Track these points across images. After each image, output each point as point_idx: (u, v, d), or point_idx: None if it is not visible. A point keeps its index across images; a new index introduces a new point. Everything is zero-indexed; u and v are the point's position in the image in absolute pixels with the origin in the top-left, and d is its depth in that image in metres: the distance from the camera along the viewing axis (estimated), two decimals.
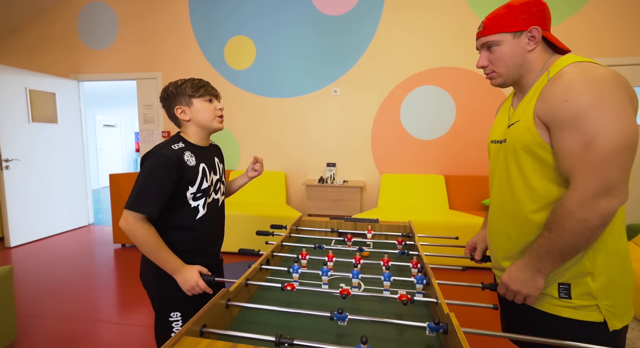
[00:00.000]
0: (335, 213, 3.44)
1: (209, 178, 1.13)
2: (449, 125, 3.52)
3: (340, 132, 3.71)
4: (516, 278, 0.82)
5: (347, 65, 3.61)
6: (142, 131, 4.06)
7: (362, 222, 1.59)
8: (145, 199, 0.97)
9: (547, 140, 0.76)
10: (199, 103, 1.10)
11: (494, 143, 0.97)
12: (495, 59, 0.85)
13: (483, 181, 3.40)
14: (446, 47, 3.43)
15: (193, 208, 1.08)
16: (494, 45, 0.85)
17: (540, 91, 0.78)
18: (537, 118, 0.77)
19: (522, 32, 0.81)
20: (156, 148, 1.04)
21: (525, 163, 0.81)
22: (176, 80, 1.12)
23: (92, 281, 2.69)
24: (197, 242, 1.12)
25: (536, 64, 0.83)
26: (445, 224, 2.89)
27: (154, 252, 0.99)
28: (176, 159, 1.02)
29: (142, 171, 1.00)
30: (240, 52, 3.78)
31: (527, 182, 0.81)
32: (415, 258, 1.11)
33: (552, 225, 0.74)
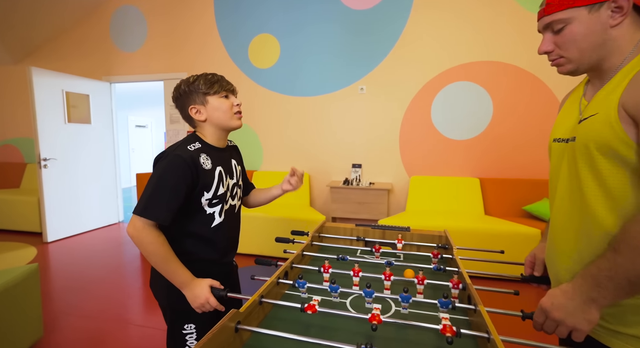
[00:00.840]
0: (361, 217, 3.29)
1: (225, 183, 1.04)
2: (484, 124, 3.26)
3: (366, 131, 3.55)
4: (560, 305, 0.64)
5: (375, 62, 3.44)
6: (169, 131, 4.12)
7: (391, 230, 1.44)
8: (156, 204, 0.89)
9: (631, 136, 0.59)
10: (214, 100, 1.01)
11: (558, 142, 0.79)
12: (563, 41, 0.67)
13: (524, 185, 3.11)
14: (482, 38, 3.17)
15: (209, 215, 1.00)
16: (562, 25, 0.67)
17: (632, 76, 0.60)
18: (623, 109, 0.60)
19: (602, 3, 0.62)
20: (170, 148, 0.96)
21: (601, 165, 0.64)
22: (188, 77, 1.03)
23: (119, 280, 2.73)
24: (212, 251, 1.03)
25: (623, 41, 0.64)
26: (480, 231, 2.66)
27: (162, 263, 0.90)
28: (191, 161, 0.93)
29: (155, 173, 0.92)
30: (265, 50, 3.72)
31: (604, 188, 0.64)
32: (455, 277, 0.95)
33: (622, 245, 0.57)
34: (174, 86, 1.04)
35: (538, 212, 2.86)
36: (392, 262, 1.13)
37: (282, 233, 3.05)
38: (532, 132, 3.16)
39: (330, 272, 1.04)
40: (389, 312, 0.92)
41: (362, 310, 0.91)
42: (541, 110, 3.11)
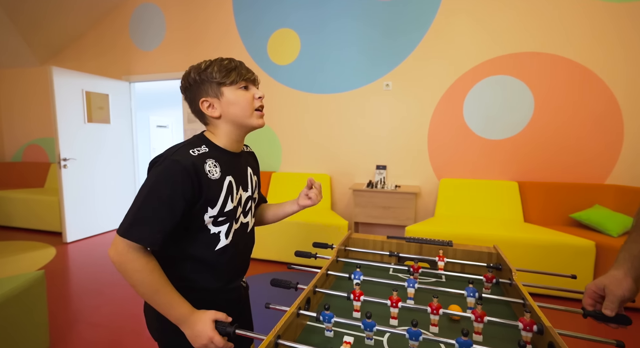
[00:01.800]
0: (386, 223, 3.06)
1: (236, 197, 0.85)
2: (524, 123, 2.95)
3: (392, 130, 3.32)
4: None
5: (402, 56, 3.20)
6: (186, 131, 4.04)
7: (429, 245, 1.22)
8: (144, 223, 0.70)
9: None
10: (231, 92, 0.81)
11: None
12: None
13: (570, 189, 2.78)
14: (523, 26, 2.86)
15: (212, 235, 0.81)
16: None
17: None
18: None
19: None
20: (168, 152, 0.77)
21: None
22: (199, 63, 0.83)
23: None
24: (214, 279, 0.85)
25: None
26: (519, 242, 2.37)
27: (153, 295, 0.72)
28: (193, 168, 0.74)
29: (146, 183, 0.73)
30: (284, 46, 3.56)
31: None
32: (528, 316, 0.72)
33: None
34: (184, 76, 0.85)
35: (589, 221, 2.53)
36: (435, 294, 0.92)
37: (301, 238, 2.87)
38: (581, 131, 2.82)
39: (362, 299, 0.85)
40: None
41: None
42: (594, 107, 2.77)
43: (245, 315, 1.00)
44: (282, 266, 2.93)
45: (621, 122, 2.73)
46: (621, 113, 2.72)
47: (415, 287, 0.92)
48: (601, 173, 2.81)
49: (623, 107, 2.71)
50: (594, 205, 2.64)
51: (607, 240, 2.30)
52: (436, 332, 0.80)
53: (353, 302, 0.86)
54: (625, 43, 2.66)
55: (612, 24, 2.67)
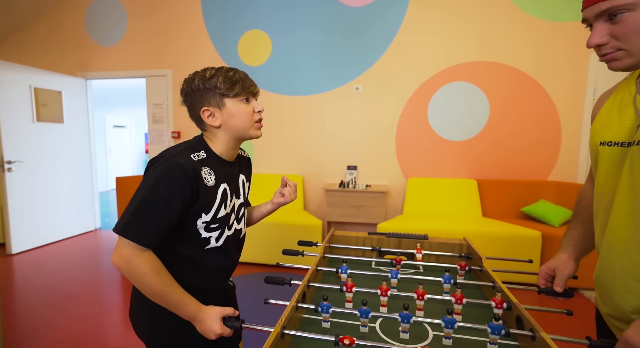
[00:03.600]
0: (358, 221, 3.17)
1: (230, 204, 0.87)
2: (481, 126, 3.22)
3: (362, 132, 3.45)
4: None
5: (371, 60, 3.34)
6: (151, 132, 3.86)
7: (407, 239, 1.32)
8: (142, 223, 0.71)
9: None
10: (233, 104, 0.83)
11: (609, 146, 0.69)
12: (624, 32, 0.58)
13: (521, 186, 3.09)
14: (481, 38, 3.14)
15: (203, 238, 0.84)
16: (623, 11, 0.58)
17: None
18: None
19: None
20: (169, 152, 0.77)
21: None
22: (203, 70, 0.84)
23: (96, 295, 2.48)
24: (205, 279, 0.87)
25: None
26: (479, 234, 2.59)
27: (162, 296, 0.73)
28: (193, 173, 0.76)
29: (145, 182, 0.73)
30: (255, 47, 3.55)
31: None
32: (499, 295, 0.83)
33: None
34: (185, 78, 0.85)
35: (536, 214, 2.83)
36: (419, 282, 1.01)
37: (276, 239, 2.89)
38: (529, 135, 3.15)
39: (354, 291, 0.91)
40: (427, 340, 0.79)
41: (395, 338, 0.78)
42: (537, 113, 3.11)
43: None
44: (258, 268, 2.92)
45: (559, 126, 3.09)
46: (559, 118, 3.08)
47: (398, 277, 1.00)
48: (544, 171, 3.15)
49: (560, 112, 3.08)
50: (540, 200, 2.96)
51: (550, 230, 2.60)
52: (422, 315, 0.88)
53: (345, 294, 0.92)
54: (561, 56, 3.02)
55: (551, 39, 3.02)
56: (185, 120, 3.77)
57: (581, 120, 3.06)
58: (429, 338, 0.79)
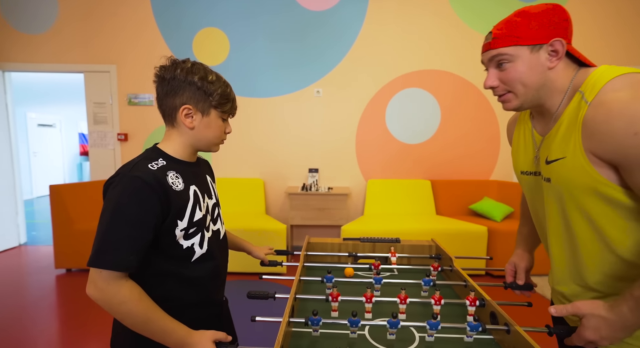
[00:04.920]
0: (321, 224, 3.20)
1: (204, 205, 0.84)
2: (434, 130, 3.46)
3: (322, 135, 3.48)
4: (608, 336, 0.65)
5: (331, 65, 3.39)
6: (92, 133, 3.47)
7: (381, 243, 1.37)
8: (113, 247, 0.66)
9: (612, 179, 0.61)
10: (215, 117, 0.81)
11: (526, 174, 0.82)
12: (508, 78, 0.70)
13: (468, 186, 3.38)
14: (431, 49, 3.37)
15: (186, 249, 0.78)
16: (506, 62, 0.69)
17: (581, 122, 0.62)
18: (593, 156, 0.62)
19: (541, 45, 0.66)
20: (124, 169, 0.72)
21: (591, 207, 0.66)
22: (205, 69, 0.80)
23: (24, 321, 2.15)
24: (197, 292, 0.83)
25: (559, 83, 0.68)
26: (434, 232, 2.78)
27: (144, 325, 0.68)
28: (157, 183, 0.71)
29: (107, 204, 0.69)
30: (212, 45, 3.39)
31: (597, 228, 0.66)
32: (472, 294, 0.90)
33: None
34: (176, 59, 0.79)
35: (481, 210, 3.12)
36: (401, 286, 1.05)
37: None
38: (474, 138, 3.46)
39: (341, 300, 0.92)
40: (414, 342, 0.82)
41: (383, 342, 0.81)
42: (481, 119, 3.44)
43: (230, 329, 1.00)
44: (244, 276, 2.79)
45: (498, 131, 3.45)
46: (498, 123, 3.44)
47: (382, 282, 1.04)
48: (487, 171, 3.49)
49: (499, 119, 3.43)
50: (484, 198, 3.27)
51: (494, 225, 2.89)
52: (404, 318, 0.92)
53: (331, 304, 0.92)
54: None
55: None
56: (134, 121, 3.47)
57: None
58: (416, 341, 0.82)
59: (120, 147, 3.50)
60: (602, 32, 3.30)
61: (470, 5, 3.31)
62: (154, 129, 3.49)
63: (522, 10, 0.68)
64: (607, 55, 3.32)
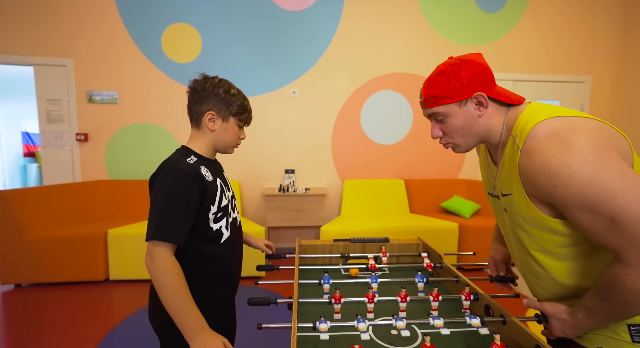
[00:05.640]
0: (299, 225, 3.18)
1: (226, 195, 1.01)
2: (406, 131, 3.58)
3: (299, 136, 3.47)
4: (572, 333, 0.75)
5: (307, 65, 3.38)
6: (45, 133, 3.16)
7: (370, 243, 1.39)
8: (169, 224, 0.83)
9: (553, 215, 0.69)
10: (233, 124, 1.00)
11: (491, 195, 0.90)
12: (448, 130, 0.79)
13: (439, 184, 3.53)
14: (403, 52, 3.48)
15: (216, 231, 0.96)
16: (442, 117, 0.77)
17: (517, 167, 0.69)
18: (533, 197, 0.69)
19: (467, 100, 0.74)
20: (167, 164, 0.90)
21: (540, 236, 0.73)
22: (229, 85, 1.00)
23: None
24: (225, 270, 1.01)
25: (494, 125, 0.76)
26: (409, 229, 2.88)
27: (174, 299, 0.80)
28: (196, 174, 0.90)
29: (157, 193, 0.86)
30: (183, 42, 3.23)
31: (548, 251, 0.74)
32: (467, 289, 0.95)
33: (611, 297, 0.65)
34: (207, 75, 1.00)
35: (452, 208, 3.29)
36: None
37: None
38: None
39: (343, 301, 0.92)
40: (417, 340, 0.85)
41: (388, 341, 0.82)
42: None
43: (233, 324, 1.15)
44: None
45: None
46: None
47: (378, 281, 1.05)
48: (455, 170, 3.69)
49: None
50: (454, 196, 3.45)
51: (464, 221, 3.06)
52: (404, 316, 0.95)
53: (334, 306, 0.92)
54: None
55: None
56: (96, 120, 3.22)
57: None
58: (419, 338, 0.85)
59: (79, 148, 3.23)
60: (560, 41, 3.62)
61: (439, 12, 3.48)
62: (120, 128, 3.26)
63: (440, 70, 0.75)
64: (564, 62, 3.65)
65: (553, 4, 3.58)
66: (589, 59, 3.68)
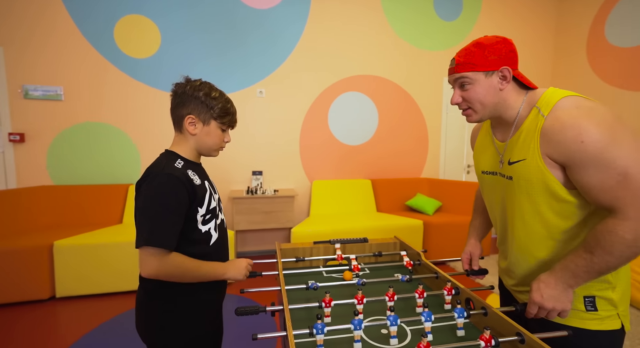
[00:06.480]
0: (268, 227, 3.12)
1: (214, 198, 1.03)
2: (372, 132, 3.68)
3: (266, 137, 3.40)
4: (549, 296, 0.80)
5: (274, 65, 3.33)
6: None
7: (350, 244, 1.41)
8: (161, 231, 0.85)
9: (560, 180, 0.78)
10: (214, 127, 0.99)
11: (488, 174, 0.97)
12: (469, 97, 0.86)
13: (404, 183, 3.68)
14: (368, 55, 3.57)
15: (205, 233, 0.97)
16: (467, 84, 0.85)
17: (539, 131, 0.78)
18: (548, 158, 0.77)
19: (493, 72, 0.82)
20: (155, 169, 0.90)
21: (541, 201, 0.82)
22: (210, 87, 0.98)
23: None
24: None
25: (511, 101, 0.84)
26: (376, 228, 2.97)
27: (196, 275, 0.91)
28: (185, 178, 0.91)
29: (147, 198, 0.87)
30: (139, 35, 3.00)
31: (542, 216, 0.83)
32: (449, 284, 1.00)
33: (596, 249, 0.74)
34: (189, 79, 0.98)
35: (416, 205, 3.44)
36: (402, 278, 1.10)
37: None
38: (406, 139, 3.78)
39: (333, 304, 0.92)
40: (407, 337, 0.87)
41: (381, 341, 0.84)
42: (412, 122, 3.79)
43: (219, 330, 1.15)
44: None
45: (426, 133, 3.85)
46: (426, 126, 3.84)
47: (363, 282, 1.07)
48: (418, 169, 3.86)
49: (427, 122, 3.83)
50: (417, 194, 3.61)
51: (427, 218, 3.21)
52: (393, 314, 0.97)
53: (324, 309, 0.92)
54: (426, 76, 3.76)
55: (420, 63, 3.72)
56: (35, 118, 2.87)
57: (439, 130, 3.89)
58: (409, 336, 0.87)
59: (13, 150, 2.85)
60: None
61: (401, 19, 3.62)
62: (66, 127, 2.94)
63: (477, 42, 0.83)
64: None
65: (497, 17, 3.91)
66: (532, 71, 4.07)
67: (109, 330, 2.05)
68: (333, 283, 1.09)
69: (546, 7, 4.07)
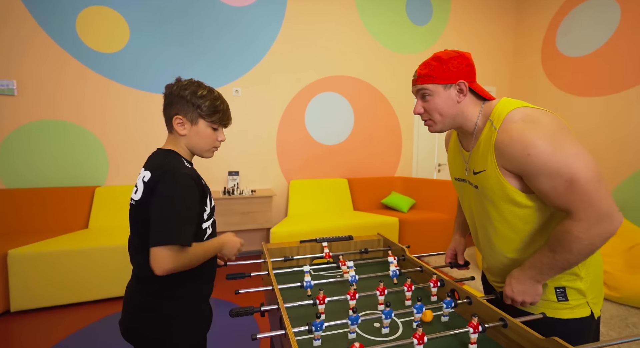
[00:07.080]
0: (246, 228, 3.07)
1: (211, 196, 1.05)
2: (348, 132, 3.73)
3: (242, 136, 3.34)
4: (519, 291, 0.88)
5: (250, 64, 3.27)
6: None
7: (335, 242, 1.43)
8: (185, 229, 0.86)
9: (518, 187, 0.84)
10: (204, 127, 0.97)
11: (459, 181, 1.04)
12: (429, 108, 0.91)
13: (379, 182, 3.77)
14: (344, 56, 3.62)
15: (204, 230, 0.98)
16: (427, 95, 0.89)
17: (493, 144, 0.83)
18: (505, 170, 0.83)
19: (451, 84, 0.87)
20: (169, 168, 0.89)
21: (505, 208, 0.88)
22: (198, 86, 0.95)
23: None
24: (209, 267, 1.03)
25: (469, 113, 0.90)
26: (354, 226, 3.02)
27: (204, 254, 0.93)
28: (197, 177, 0.93)
29: (168, 195, 0.86)
30: (104, 28, 2.82)
31: (508, 222, 0.89)
32: (435, 277, 1.05)
33: (557, 248, 0.81)
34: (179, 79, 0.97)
35: (391, 203, 3.55)
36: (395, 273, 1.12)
37: None
38: (381, 139, 3.88)
39: (327, 301, 0.94)
40: (399, 329, 0.91)
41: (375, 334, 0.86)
42: (387, 123, 3.89)
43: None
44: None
45: (400, 134, 3.97)
46: (400, 127, 3.96)
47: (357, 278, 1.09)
48: (392, 168, 3.98)
49: (400, 122, 3.96)
50: (392, 192, 3.72)
51: (402, 215, 3.32)
52: (382, 308, 1.00)
53: (318, 306, 0.93)
54: (399, 79, 3.89)
55: (395, 65, 3.84)
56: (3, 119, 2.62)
57: (412, 130, 4.04)
58: (400, 328, 0.91)
59: None
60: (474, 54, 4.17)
61: (376, 22, 3.71)
62: (19, 125, 2.70)
63: (437, 56, 0.88)
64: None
65: (464, 24, 4.13)
66: (494, 71, 4.34)
67: (73, 345, 1.91)
68: (322, 281, 1.10)
69: (506, 7, 4.30)
